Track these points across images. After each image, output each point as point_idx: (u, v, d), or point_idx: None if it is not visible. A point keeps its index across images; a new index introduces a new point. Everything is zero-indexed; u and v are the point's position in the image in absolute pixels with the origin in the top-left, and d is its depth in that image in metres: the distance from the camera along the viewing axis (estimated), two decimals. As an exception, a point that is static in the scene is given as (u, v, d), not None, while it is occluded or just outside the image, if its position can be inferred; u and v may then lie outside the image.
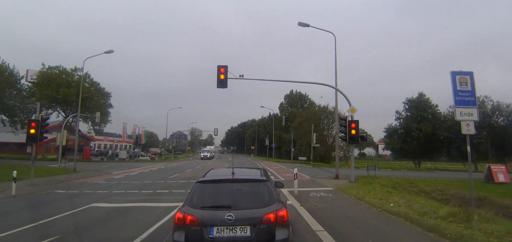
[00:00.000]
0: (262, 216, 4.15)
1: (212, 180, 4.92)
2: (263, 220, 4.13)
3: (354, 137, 16.61)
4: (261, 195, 4.55)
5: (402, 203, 10.19)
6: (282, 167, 34.00)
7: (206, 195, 4.58)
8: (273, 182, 5.46)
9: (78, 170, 25.85)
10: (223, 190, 4.66)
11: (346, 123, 17.06)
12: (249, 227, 4.11)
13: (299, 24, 20.16)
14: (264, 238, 4.09)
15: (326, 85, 19.03)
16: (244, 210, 4.25)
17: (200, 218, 4.12)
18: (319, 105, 57.84)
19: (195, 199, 4.49)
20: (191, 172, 25.61)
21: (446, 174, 30.50)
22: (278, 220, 4.18)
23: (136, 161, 46.98)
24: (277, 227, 4.16)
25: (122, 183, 17.74)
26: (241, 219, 4.12)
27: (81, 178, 20.30)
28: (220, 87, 16.93)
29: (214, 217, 4.17)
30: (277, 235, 4.10)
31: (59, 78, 42.35)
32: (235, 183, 4.81)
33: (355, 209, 9.58)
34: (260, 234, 4.08)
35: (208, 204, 4.37)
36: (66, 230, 7.20)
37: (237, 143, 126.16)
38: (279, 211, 4.25)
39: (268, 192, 4.60)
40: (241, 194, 4.64)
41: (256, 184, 4.82)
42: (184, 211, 4.25)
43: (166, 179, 19.88)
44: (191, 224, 4.11)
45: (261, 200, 4.46)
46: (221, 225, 4.10)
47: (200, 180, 4.84)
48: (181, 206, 4.54)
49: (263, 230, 4.10)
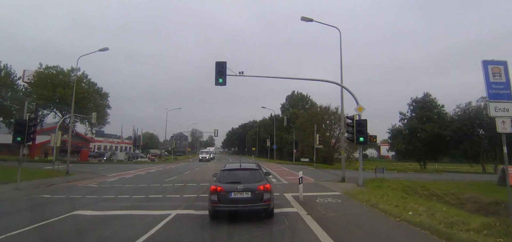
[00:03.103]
0: (256, 187, 7.61)
1: (229, 169, 8.66)
2: (257, 188, 7.57)
3: (363, 138, 15.47)
4: (256, 176, 8.15)
5: (422, 211, 9.05)
6: (284, 169, 32.77)
7: (226, 176, 8.19)
8: (263, 170, 9.17)
9: (72, 172, 24.79)
10: (235, 174, 8.42)
11: (353, 122, 15.91)
12: (250, 192, 7.53)
13: (302, 19, 19.03)
14: (257, 198, 7.50)
15: (332, 82, 17.92)
16: (247, 183, 7.75)
17: (225, 188, 7.56)
18: (321, 106, 56.72)
19: (221, 178, 8.02)
20: (189, 175, 24.51)
21: (454, 176, 29.22)
22: (264, 189, 7.62)
23: (134, 162, 45.85)
24: (264, 192, 7.58)
25: (115, 187, 16.66)
26: (246, 188, 7.58)
27: (72, 181, 19.21)
28: (218, 84, 15.82)
29: (232, 187, 7.60)
30: (264, 196, 7.54)
31: (55, 78, 41.38)
32: (241, 170, 8.59)
33: (370, 218, 8.45)
34: (255, 196, 7.50)
35: (228, 181, 7.89)
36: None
37: (237, 144, 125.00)
38: (266, 184, 7.76)
39: (259, 175, 8.24)
40: (245, 176, 8.29)
41: (253, 171, 8.51)
42: (216, 184, 7.68)
43: (162, 182, 18.79)
44: (220, 191, 7.50)
45: (255, 179, 8.01)
46: (236, 191, 7.53)
47: (223, 169, 8.53)
48: (214, 180, 8.19)
49: (257, 194, 7.53)
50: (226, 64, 15.91)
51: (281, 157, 63.52)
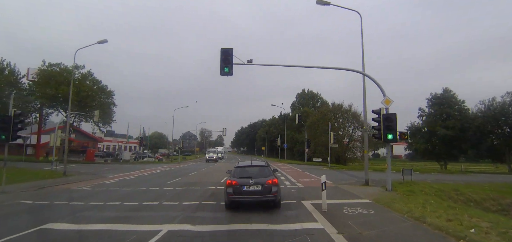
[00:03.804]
0: (265, 181, 9.10)
1: (242, 165, 10.54)
2: (266, 182, 9.06)
3: (392, 135, 13.30)
4: (265, 172, 9.76)
5: (487, 228, 6.92)
6: (297, 169, 30.57)
7: (240, 172, 9.86)
8: (272, 167, 11.03)
9: (71, 173, 23.31)
10: (247, 170, 10.04)
11: (380, 117, 13.76)
12: (260, 185, 9.02)
13: (318, 2, 16.93)
14: (266, 190, 8.98)
15: (353, 71, 15.75)
16: (257, 178, 9.26)
17: (239, 182, 9.10)
18: (334, 103, 54.28)
19: (235, 174, 9.67)
20: (194, 177, 22.69)
21: (481, 178, 26.47)
22: (272, 183, 9.11)
23: (141, 163, 44.45)
24: (272, 186, 9.06)
25: (110, 190, 14.96)
26: (256, 182, 9.08)
27: (67, 184, 17.60)
28: (224, 74, 13.90)
29: (245, 181, 9.12)
30: (272, 189, 9.03)
31: (59, 76, 40.20)
32: (252, 167, 10.31)
33: (424, 240, 6.35)
34: (265, 189, 8.98)
35: (241, 176, 9.48)
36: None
37: (247, 144, 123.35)
38: (274, 179, 9.28)
39: (268, 171, 9.88)
40: (256, 172, 9.81)
41: (263, 167, 10.21)
42: (231, 179, 9.30)
43: (163, 185, 16.99)
44: (235, 184, 9.03)
45: (265, 174, 9.57)
46: (248, 185, 9.02)
47: (237, 166, 10.48)
48: (228, 176, 9.91)
49: (266, 187, 9.00)
50: (233, 51, 13.99)
51: (291, 157, 61.32)
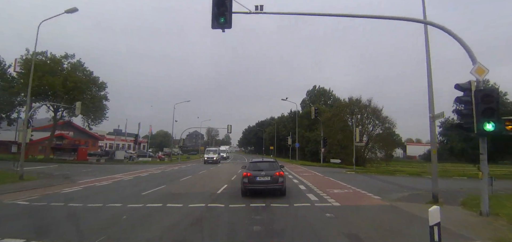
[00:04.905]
0: (274, 173, 12.00)
1: (254, 161, 13.55)
2: (274, 174, 11.92)
3: (493, 123, 8.01)
4: (273, 166, 12.65)
5: None
6: (315, 173, 24.97)
7: (253, 166, 12.68)
8: (278, 163, 13.55)
9: (33, 176, 18.46)
10: (259, 165, 13.03)
11: (470, 95, 8.48)
12: (269, 177, 11.88)
13: None
14: (274, 180, 11.82)
15: (412, 20, 10.40)
16: (267, 171, 12.18)
17: (252, 174, 11.98)
18: (351, 97, 48.68)
19: (249, 167, 12.51)
20: (185, 183, 17.73)
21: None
22: (279, 174, 11.99)
23: (135, 163, 39.84)
24: (279, 177, 11.92)
25: (51, 206, 10.04)
26: (267, 174, 11.99)
27: (5, 193, 12.66)
28: (219, 26, 8.80)
29: (257, 173, 12.02)
30: (279, 179, 11.90)
31: (45, 65, 35.85)
32: (263, 162, 13.71)
33: None
34: (273, 179, 11.83)
35: (254, 169, 12.35)
36: None
37: (254, 143, 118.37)
38: (280, 172, 12.19)
39: (276, 165, 12.82)
40: (266, 166, 12.75)
41: (272, 162, 13.28)
42: (246, 171, 12.17)
43: (134, 197, 12.04)
44: (250, 176, 11.90)
45: (273, 168, 12.47)
46: (260, 176, 11.91)
47: (251, 161, 13.47)
48: (244, 169, 12.94)
49: (274, 178, 11.84)
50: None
51: (303, 157, 55.81)
